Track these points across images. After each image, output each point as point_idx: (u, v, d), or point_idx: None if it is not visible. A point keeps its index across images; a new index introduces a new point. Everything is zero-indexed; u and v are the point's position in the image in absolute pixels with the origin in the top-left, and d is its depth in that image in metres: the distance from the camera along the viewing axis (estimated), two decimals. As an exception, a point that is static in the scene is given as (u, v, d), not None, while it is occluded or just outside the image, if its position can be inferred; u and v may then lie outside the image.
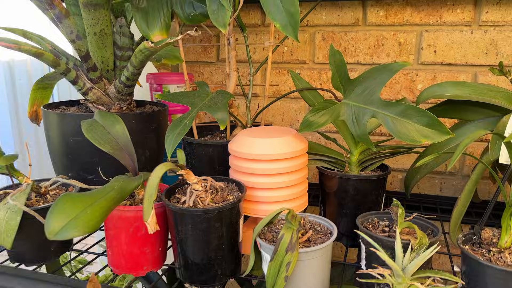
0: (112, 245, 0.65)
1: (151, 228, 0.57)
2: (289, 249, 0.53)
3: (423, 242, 0.55)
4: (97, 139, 0.68)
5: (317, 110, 0.65)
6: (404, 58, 0.93)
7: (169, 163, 0.60)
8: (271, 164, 0.67)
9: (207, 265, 0.61)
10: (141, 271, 0.66)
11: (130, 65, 0.76)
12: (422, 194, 0.99)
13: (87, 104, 0.84)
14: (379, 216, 0.66)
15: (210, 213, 0.58)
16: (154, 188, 0.57)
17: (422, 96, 0.74)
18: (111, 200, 0.58)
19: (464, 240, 0.58)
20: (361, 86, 0.66)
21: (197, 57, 1.09)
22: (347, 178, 0.71)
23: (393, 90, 0.96)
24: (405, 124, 0.63)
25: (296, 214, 0.58)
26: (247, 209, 0.69)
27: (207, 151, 0.78)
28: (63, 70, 0.78)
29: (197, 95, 0.73)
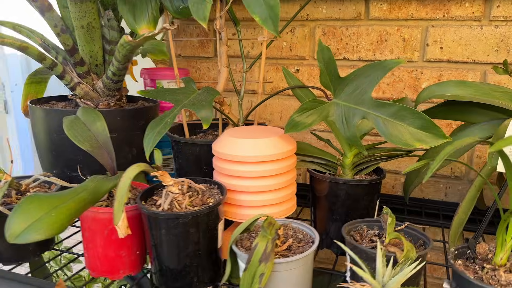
0: (88, 247, 0.63)
1: (122, 232, 0.54)
2: (263, 259, 0.50)
3: (410, 255, 0.51)
4: (77, 137, 0.66)
5: (304, 110, 0.61)
6: (408, 55, 0.88)
7: (143, 164, 0.57)
8: (256, 166, 0.63)
9: (182, 272, 0.58)
10: (117, 274, 0.63)
11: (114, 60, 0.73)
12: (426, 199, 0.94)
13: (76, 99, 0.82)
14: (369, 224, 0.62)
15: (184, 217, 0.55)
16: (124, 190, 0.54)
17: (421, 96, 0.69)
18: (80, 202, 0.56)
19: (456, 254, 0.53)
20: (352, 84, 0.62)
21: (194, 52, 1.06)
22: (337, 182, 0.67)
23: (397, 88, 0.91)
24: (397, 127, 0.58)
25: (274, 221, 0.54)
26: (229, 213, 0.66)
27: (194, 151, 0.75)
28: (49, 64, 0.76)
29: (182, 92, 0.70)
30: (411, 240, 0.59)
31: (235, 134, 0.66)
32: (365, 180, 0.66)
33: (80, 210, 0.55)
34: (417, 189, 0.94)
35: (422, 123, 0.57)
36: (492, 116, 0.68)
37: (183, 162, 0.78)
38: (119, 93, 0.83)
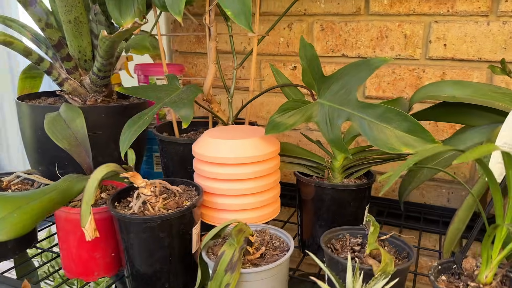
0: (62, 247, 0.61)
1: (89, 235, 0.52)
2: (229, 269, 0.47)
3: (387, 269, 0.47)
4: (56, 134, 0.65)
5: (286, 110, 0.58)
6: (410, 52, 0.83)
7: (113, 164, 0.55)
8: (235, 169, 0.61)
9: (153, 277, 0.56)
10: (91, 276, 0.62)
11: (98, 56, 0.71)
12: (426, 205, 0.89)
13: (64, 95, 0.81)
14: (352, 232, 0.58)
15: (152, 222, 0.53)
16: (91, 192, 0.52)
17: (415, 96, 0.65)
18: (49, 202, 0.54)
19: (440, 269, 0.49)
20: (338, 84, 0.58)
21: (190, 48, 1.03)
22: (322, 186, 0.63)
23: (397, 87, 0.86)
24: (383, 129, 0.54)
25: (246, 227, 0.51)
26: (208, 217, 0.64)
27: (178, 150, 0.72)
28: (36, 59, 0.75)
29: (164, 89, 0.68)
30: (395, 252, 0.55)
31: (215, 135, 0.63)
32: (351, 184, 0.63)
33: (48, 211, 0.54)
34: (418, 194, 0.90)
35: (409, 126, 0.53)
36: (492, 119, 0.63)
37: (168, 161, 0.75)
38: (108, 89, 0.81)
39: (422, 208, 0.87)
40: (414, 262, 0.51)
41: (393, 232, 0.57)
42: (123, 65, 1.00)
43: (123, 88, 0.66)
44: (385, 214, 0.86)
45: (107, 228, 0.60)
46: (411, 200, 0.91)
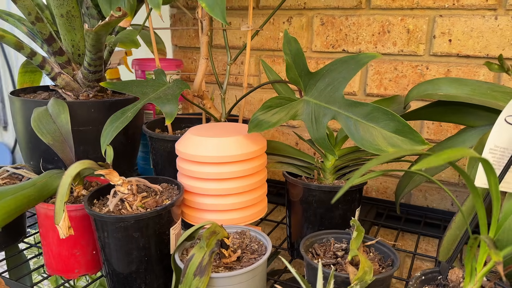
0: (43, 243, 0.61)
1: (62, 232, 0.51)
2: (198, 273, 0.45)
3: (365, 278, 0.44)
4: (41, 129, 0.64)
5: (269, 107, 0.56)
6: (413, 48, 0.79)
7: (88, 161, 0.54)
8: (218, 168, 0.59)
9: (129, 278, 0.54)
10: (72, 273, 0.61)
11: (87, 50, 0.70)
12: (429, 208, 0.85)
13: (58, 90, 0.80)
14: (338, 237, 0.55)
15: (125, 221, 0.51)
16: (65, 189, 0.51)
17: (411, 94, 0.61)
18: (24, 198, 0.53)
19: (423, 279, 0.46)
20: (324, 80, 0.55)
21: (190, 43, 1.01)
22: (309, 187, 0.60)
23: (400, 85, 0.82)
24: (370, 129, 0.51)
25: (220, 229, 0.49)
26: (191, 217, 0.62)
27: (166, 147, 0.71)
28: (28, 53, 0.75)
29: (150, 84, 0.66)
30: (381, 259, 0.52)
31: (198, 132, 0.61)
32: (339, 186, 0.60)
33: (22, 207, 0.53)
34: (420, 196, 0.86)
35: (397, 126, 0.50)
36: (492, 119, 0.59)
37: (157, 158, 0.74)
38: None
39: (424, 212, 0.83)
40: (395, 270, 0.48)
41: (379, 238, 0.54)
42: (122, 60, 0.99)
43: (108, 83, 0.65)
44: (384, 216, 0.82)
45: (86, 226, 0.59)
46: (414, 203, 0.87)
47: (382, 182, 0.89)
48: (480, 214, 0.38)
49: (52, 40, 0.75)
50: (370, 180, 0.90)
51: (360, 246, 0.53)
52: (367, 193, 0.91)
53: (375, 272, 0.49)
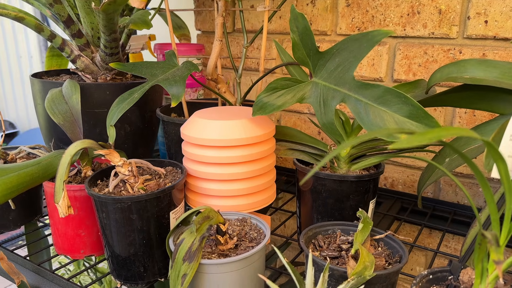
0: (51, 223, 0.61)
1: (62, 211, 0.51)
2: (187, 258, 0.43)
3: (364, 273, 0.41)
4: (53, 109, 0.65)
5: (274, 89, 0.53)
6: (445, 30, 0.73)
7: (88, 141, 0.53)
8: (223, 152, 0.56)
9: (127, 260, 0.53)
10: (78, 254, 0.61)
11: (101, 32, 0.70)
12: (459, 204, 0.79)
13: (78, 72, 0.81)
14: (345, 228, 0.52)
15: (122, 202, 0.50)
16: (64, 167, 0.51)
17: (433, 78, 0.56)
18: (27, 176, 0.53)
19: (431, 279, 0.41)
20: (334, 60, 0.51)
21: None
22: (319, 176, 0.57)
23: (430, 70, 0.76)
24: (381, 113, 0.47)
25: (214, 214, 0.47)
26: (195, 202, 0.60)
27: (177, 131, 0.70)
28: (48, 35, 0.76)
29: (161, 66, 0.65)
30: (389, 254, 0.48)
31: (204, 115, 0.59)
32: (350, 176, 0.56)
33: (25, 185, 0.53)
34: (451, 192, 0.80)
35: (411, 110, 0.46)
36: (528, 106, 0.53)
37: (169, 142, 0.73)
38: (118, 67, 0.80)
39: (454, 208, 0.77)
40: (401, 268, 0.44)
41: (389, 232, 0.49)
42: (145, 45, 0.99)
43: (118, 64, 0.64)
44: (408, 211, 0.77)
45: (92, 206, 0.59)
46: (443, 198, 0.81)
47: (409, 175, 0.84)
48: (490, 208, 0.33)
49: (71, 22, 0.75)
50: (396, 173, 0.85)
51: (367, 239, 0.49)
52: (393, 186, 0.86)
53: (380, 268, 0.45)
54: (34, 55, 3.11)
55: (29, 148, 0.71)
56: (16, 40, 3.13)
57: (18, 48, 3.14)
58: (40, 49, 3.05)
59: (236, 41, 0.97)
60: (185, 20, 1.01)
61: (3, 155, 0.69)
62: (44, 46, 3.01)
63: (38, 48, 3.07)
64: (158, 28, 1.10)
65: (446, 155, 0.60)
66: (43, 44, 3.04)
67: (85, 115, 0.72)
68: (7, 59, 3.23)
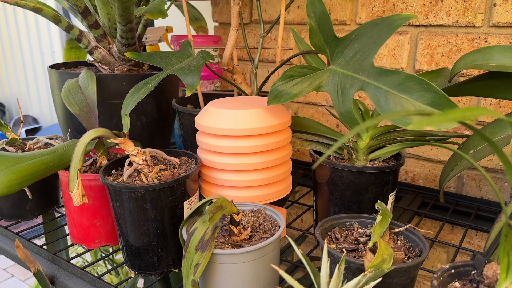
0: (67, 212, 0.61)
1: (76, 200, 0.51)
2: (199, 248, 0.43)
3: (382, 266, 0.39)
4: (69, 99, 0.65)
5: (290, 77, 0.51)
6: (469, 19, 0.70)
7: (102, 129, 0.53)
8: (238, 141, 0.55)
9: (141, 250, 0.53)
10: (93, 243, 0.61)
11: (117, 22, 0.70)
12: (484, 200, 0.76)
13: (95, 64, 0.81)
14: (362, 221, 0.50)
15: (135, 191, 0.49)
16: (79, 156, 0.50)
17: (457, 65, 0.54)
18: (42, 165, 0.54)
19: (453, 273, 0.40)
20: (353, 47, 0.50)
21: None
22: (336, 167, 0.55)
23: (454, 60, 0.73)
24: (401, 101, 0.45)
25: (228, 204, 0.46)
26: (210, 193, 0.59)
27: (192, 121, 0.69)
28: (65, 27, 0.76)
29: (176, 55, 0.64)
30: (409, 248, 0.46)
31: (219, 105, 0.58)
32: (369, 167, 0.54)
33: (40, 173, 0.53)
34: (474, 186, 0.77)
35: (433, 97, 0.44)
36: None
37: (184, 133, 0.72)
38: (135, 58, 0.80)
39: (477, 203, 0.75)
40: (421, 261, 0.42)
41: (409, 225, 0.48)
42: (163, 37, 0.99)
43: (133, 54, 0.64)
44: (429, 206, 0.74)
45: (107, 196, 0.59)
46: (466, 193, 0.78)
47: (431, 169, 0.81)
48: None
49: (88, 13, 0.75)
50: (418, 167, 0.82)
51: (386, 232, 0.47)
52: (414, 181, 0.84)
53: (399, 261, 0.43)
54: (56, 50, 3.16)
55: (47, 139, 0.71)
56: (39, 37, 3.19)
57: (41, 44, 3.20)
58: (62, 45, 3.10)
59: (253, 32, 0.96)
60: (202, 12, 1.01)
61: (21, 145, 0.70)
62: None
63: (61, 44, 3.12)
64: (175, 20, 1.10)
65: (470, 147, 0.58)
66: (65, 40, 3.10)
67: (102, 106, 0.72)
68: (31, 55, 3.29)
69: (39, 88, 3.35)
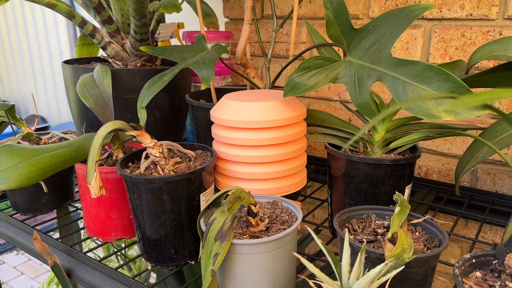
0: (82, 205, 0.62)
1: (94, 192, 0.51)
2: (219, 237, 0.43)
3: (402, 255, 0.39)
4: (84, 93, 0.65)
5: (307, 68, 0.51)
6: (484, 11, 0.70)
7: (119, 122, 0.53)
8: (254, 134, 0.56)
9: (159, 242, 0.53)
10: (109, 236, 0.61)
11: (131, 17, 0.70)
12: (498, 194, 0.75)
13: (108, 59, 0.82)
14: (380, 213, 0.50)
15: (153, 183, 0.50)
16: (97, 148, 0.51)
17: (474, 56, 0.53)
18: (59, 157, 0.54)
19: (474, 263, 0.39)
20: (370, 38, 0.50)
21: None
22: (352, 160, 0.55)
23: (468, 53, 0.73)
24: (420, 92, 0.45)
25: (245, 195, 0.46)
26: (226, 185, 0.59)
27: (206, 116, 0.69)
28: (79, 22, 0.77)
29: (190, 50, 0.64)
30: (427, 239, 0.46)
31: (234, 98, 0.58)
32: (386, 159, 0.54)
33: (58, 166, 0.54)
34: (489, 180, 0.76)
35: (452, 87, 0.44)
36: None
37: (198, 128, 0.73)
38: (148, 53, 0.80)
39: (492, 197, 0.74)
40: (442, 250, 0.42)
41: (427, 216, 0.47)
42: (174, 33, 0.99)
43: (147, 47, 0.64)
44: (444, 200, 0.74)
45: (124, 189, 0.59)
46: (480, 187, 0.78)
47: (444, 164, 0.81)
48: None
49: (101, 8, 0.76)
50: (431, 161, 0.82)
51: (405, 224, 0.47)
52: (427, 175, 0.83)
53: (418, 252, 0.43)
54: (65, 50, 3.18)
55: (62, 133, 0.72)
56: (47, 37, 3.21)
57: (49, 45, 3.22)
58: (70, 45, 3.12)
59: (265, 28, 0.96)
60: (213, 8, 1.01)
61: (36, 139, 0.70)
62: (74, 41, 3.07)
63: (69, 44, 3.13)
64: (187, 16, 1.10)
65: (487, 139, 0.57)
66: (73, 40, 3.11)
67: (116, 100, 0.73)
68: (39, 55, 3.31)
69: (47, 87, 3.37)
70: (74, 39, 3.07)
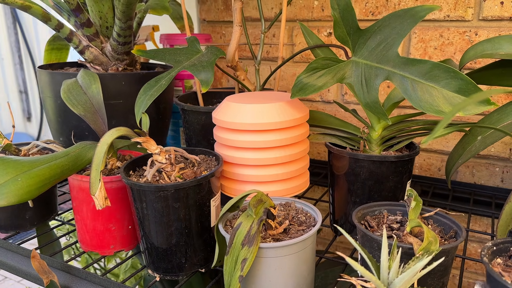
0: (77, 218, 0.58)
1: (99, 203, 0.48)
2: (246, 242, 0.42)
3: (431, 248, 0.40)
4: (71, 100, 0.61)
5: (315, 69, 0.51)
6: (460, 13, 0.74)
7: (124, 128, 0.51)
8: (258, 136, 0.55)
9: (168, 251, 0.51)
10: (107, 249, 0.58)
11: (116, 19, 0.67)
12: (477, 185, 0.80)
13: (86, 64, 0.78)
14: (391, 209, 0.51)
15: (165, 190, 0.48)
16: (100, 157, 0.48)
17: (466, 55, 0.56)
18: (57, 168, 0.51)
19: (495, 250, 0.41)
20: (375, 38, 0.51)
21: (218, 16, 0.98)
22: (356, 158, 0.56)
23: (446, 53, 0.77)
24: (429, 89, 0.47)
25: (266, 198, 0.46)
26: (230, 189, 0.58)
27: (199, 119, 0.68)
28: (55, 25, 0.72)
29: (184, 52, 0.63)
30: (441, 231, 0.48)
31: (238, 100, 0.57)
32: (390, 156, 0.55)
33: (56, 177, 0.50)
34: (467, 173, 0.81)
35: (460, 85, 0.45)
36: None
37: (190, 132, 0.71)
38: (130, 57, 0.77)
39: (472, 189, 0.78)
40: (463, 241, 0.44)
41: (438, 209, 0.49)
42: (149, 36, 0.96)
43: (139, 51, 0.62)
44: (429, 194, 0.77)
45: (122, 199, 0.56)
46: (460, 179, 0.82)
47: (425, 159, 0.84)
48: None
49: (80, 10, 0.72)
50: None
51: (418, 217, 0.48)
52: (408, 171, 0.86)
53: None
54: (5, 57, 2.99)
55: (43, 143, 0.67)
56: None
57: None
58: (12, 51, 2.93)
59: (250, 31, 0.95)
60: (187, 10, 0.99)
61: (15, 151, 0.65)
62: (16, 48, 2.89)
63: (10, 50, 2.95)
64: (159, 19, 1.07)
65: (477, 134, 0.60)
66: (15, 45, 2.92)
67: (101, 107, 0.69)
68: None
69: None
70: (16, 43, 2.89)
